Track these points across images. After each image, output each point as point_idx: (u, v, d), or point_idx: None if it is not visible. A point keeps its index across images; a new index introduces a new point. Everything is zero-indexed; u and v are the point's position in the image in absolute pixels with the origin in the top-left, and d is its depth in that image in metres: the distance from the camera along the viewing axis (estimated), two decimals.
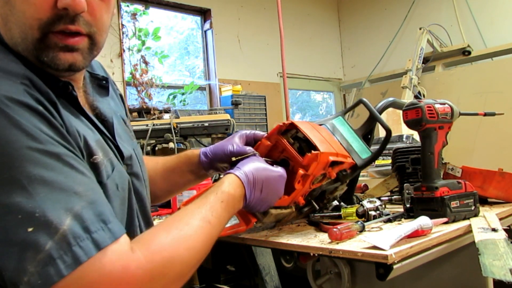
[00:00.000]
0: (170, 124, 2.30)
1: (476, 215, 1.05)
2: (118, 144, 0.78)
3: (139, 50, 3.75)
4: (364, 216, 1.04)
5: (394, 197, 1.25)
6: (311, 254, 0.86)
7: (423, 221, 0.87)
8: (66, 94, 0.68)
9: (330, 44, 5.51)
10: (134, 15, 3.76)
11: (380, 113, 1.29)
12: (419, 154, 1.11)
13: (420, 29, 4.03)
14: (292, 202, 0.97)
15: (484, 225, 0.96)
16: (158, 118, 2.78)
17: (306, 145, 0.95)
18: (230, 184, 0.78)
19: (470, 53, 4.05)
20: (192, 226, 0.65)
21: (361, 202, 1.08)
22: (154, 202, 1.01)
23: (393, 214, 1.06)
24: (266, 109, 3.80)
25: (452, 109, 1.05)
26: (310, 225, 1.08)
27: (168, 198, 1.22)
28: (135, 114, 3.44)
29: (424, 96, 3.91)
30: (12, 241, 0.49)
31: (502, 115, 1.23)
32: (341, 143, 1.04)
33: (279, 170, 0.88)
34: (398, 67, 4.49)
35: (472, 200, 1.04)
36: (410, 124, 1.05)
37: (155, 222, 1.30)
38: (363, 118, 1.12)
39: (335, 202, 1.25)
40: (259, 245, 1.03)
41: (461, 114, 1.09)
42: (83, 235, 0.51)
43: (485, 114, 1.19)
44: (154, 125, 2.28)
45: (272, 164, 0.95)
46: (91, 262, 0.50)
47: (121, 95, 0.98)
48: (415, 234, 0.85)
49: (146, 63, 3.75)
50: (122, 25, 3.67)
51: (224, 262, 2.54)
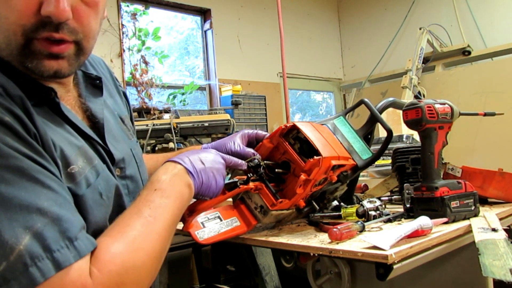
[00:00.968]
0: (170, 124, 2.30)
1: (476, 215, 1.05)
2: (109, 147, 0.76)
3: (139, 50, 3.75)
4: (364, 216, 1.04)
5: (394, 197, 1.25)
6: (311, 254, 0.86)
7: (423, 221, 0.87)
8: (48, 100, 0.66)
9: (330, 44, 5.51)
10: (134, 15, 3.76)
11: (380, 113, 1.29)
12: (419, 154, 1.11)
13: (420, 29, 4.03)
14: (293, 205, 0.97)
15: (484, 225, 0.96)
16: (158, 118, 2.78)
17: (307, 146, 0.95)
18: (159, 171, 0.73)
19: (470, 53, 4.05)
20: (134, 226, 0.62)
21: (361, 202, 1.08)
22: None
23: (393, 214, 1.06)
24: (266, 109, 3.81)
25: (452, 109, 1.05)
26: (310, 225, 1.08)
27: None
28: (135, 114, 3.43)
29: (424, 96, 3.91)
30: None
31: (502, 115, 1.24)
32: (342, 144, 1.04)
33: (216, 155, 0.83)
34: (398, 67, 4.49)
35: (472, 200, 1.04)
36: (410, 124, 1.05)
37: None
38: (364, 118, 1.12)
39: (335, 202, 1.25)
40: (259, 245, 1.03)
41: (461, 114, 1.09)
42: (42, 255, 0.49)
43: (485, 114, 1.19)
44: (154, 125, 2.29)
45: (274, 166, 0.95)
46: (50, 282, 0.49)
47: (124, 93, 0.97)
48: (415, 234, 0.85)
49: (146, 63, 3.75)
50: (122, 25, 3.67)
51: (224, 262, 2.54)
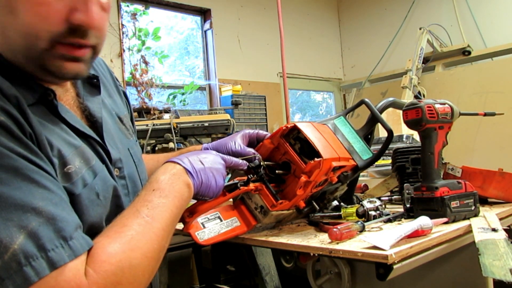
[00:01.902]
0: (170, 124, 2.30)
1: (476, 215, 1.05)
2: (108, 147, 0.76)
3: (139, 50, 3.75)
4: (364, 216, 1.04)
5: (394, 197, 1.25)
6: (311, 254, 0.86)
7: (423, 221, 0.87)
8: (47, 101, 0.67)
9: (330, 44, 5.51)
10: (134, 15, 3.76)
11: (380, 113, 1.29)
12: (419, 154, 1.11)
13: (420, 29, 4.03)
14: (293, 206, 0.97)
15: (484, 225, 0.96)
16: (158, 118, 2.78)
17: (308, 146, 0.94)
18: (158, 171, 0.73)
19: (470, 53, 4.05)
20: (130, 226, 0.62)
21: (361, 202, 1.08)
22: None
23: (393, 214, 1.06)
24: (266, 109, 3.81)
25: (452, 109, 1.05)
26: (310, 225, 1.08)
27: None
28: (135, 114, 3.43)
29: (424, 96, 3.91)
30: None
31: (502, 115, 1.24)
32: (342, 144, 1.04)
33: (216, 155, 0.84)
34: (398, 67, 4.50)
35: (472, 200, 1.04)
36: (410, 124, 1.05)
37: None
38: (364, 118, 1.12)
39: (335, 202, 1.25)
40: (259, 245, 1.03)
41: (461, 114, 1.09)
42: (37, 254, 0.49)
43: (485, 114, 1.19)
44: (154, 125, 2.29)
45: (274, 166, 0.95)
46: (44, 281, 0.49)
47: (124, 92, 0.97)
48: (415, 234, 0.85)
49: (146, 63, 3.75)
50: (122, 25, 3.67)
51: (224, 262, 2.54)
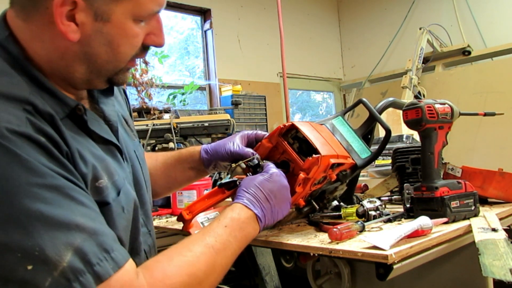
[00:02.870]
0: (170, 124, 2.30)
1: (476, 215, 1.05)
2: (124, 151, 0.78)
3: None
4: (364, 216, 1.04)
5: (394, 197, 1.25)
6: (311, 254, 0.86)
7: (423, 221, 0.87)
8: (75, 116, 0.67)
9: (330, 44, 5.51)
10: None
11: (380, 113, 1.29)
12: (419, 154, 1.11)
13: (420, 29, 4.03)
14: (292, 204, 0.96)
15: (484, 225, 0.96)
16: (158, 118, 2.78)
17: (306, 145, 0.95)
18: (233, 210, 0.78)
19: (470, 53, 4.05)
20: (194, 252, 0.64)
21: (361, 202, 1.08)
22: (153, 198, 1.01)
23: (393, 214, 1.06)
24: (266, 109, 3.80)
25: (452, 109, 1.05)
26: (310, 225, 1.08)
27: (167, 194, 1.22)
28: (135, 114, 3.43)
29: (424, 96, 3.91)
30: (11, 279, 0.49)
31: (502, 115, 1.24)
32: (341, 143, 1.04)
33: (281, 179, 0.86)
34: (398, 67, 4.49)
35: (472, 200, 1.04)
36: (410, 124, 1.05)
37: (155, 222, 1.30)
38: (363, 118, 1.12)
39: (335, 202, 1.25)
40: (259, 245, 1.03)
41: (461, 114, 1.09)
42: (84, 269, 0.51)
43: (485, 114, 1.19)
44: (154, 125, 2.28)
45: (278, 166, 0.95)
46: None
47: (124, 90, 0.97)
48: (415, 234, 0.85)
49: (146, 63, 3.74)
50: None
51: None
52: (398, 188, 1.33)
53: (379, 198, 1.14)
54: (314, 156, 0.90)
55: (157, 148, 2.28)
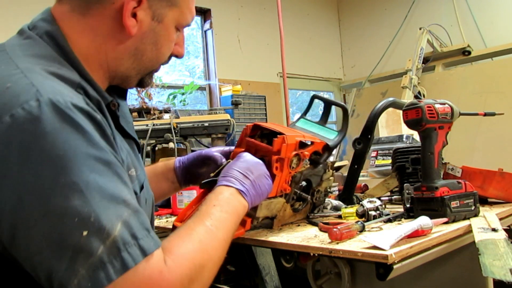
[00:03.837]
0: (170, 124, 2.30)
1: (476, 215, 1.05)
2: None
3: None
4: (364, 216, 1.05)
5: (394, 197, 1.25)
6: (311, 254, 0.86)
7: (423, 221, 0.87)
8: (110, 111, 0.72)
9: (330, 44, 5.51)
10: None
11: (380, 113, 1.29)
12: (419, 154, 1.11)
13: (420, 29, 4.03)
14: (278, 191, 0.99)
15: (484, 225, 0.96)
16: (158, 118, 2.78)
17: (273, 137, 0.98)
18: (215, 192, 0.80)
19: (470, 53, 4.05)
20: (198, 232, 0.67)
21: (361, 202, 1.08)
22: None
23: (393, 214, 1.06)
24: (266, 109, 3.80)
25: (452, 109, 1.05)
26: (310, 225, 1.08)
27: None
28: (135, 114, 3.43)
29: (424, 96, 3.91)
30: (66, 243, 0.51)
31: (502, 115, 1.24)
32: (306, 133, 1.11)
33: (253, 158, 0.91)
34: (398, 67, 4.49)
35: (472, 200, 1.04)
36: (410, 124, 1.05)
37: (155, 223, 1.31)
38: (364, 117, 1.12)
39: (335, 202, 1.25)
40: (259, 245, 1.03)
41: (461, 114, 1.09)
42: (131, 241, 0.53)
43: (485, 114, 1.19)
44: (154, 125, 2.28)
45: None
46: (138, 267, 0.53)
47: None
48: (415, 234, 0.85)
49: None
50: None
51: (224, 262, 2.54)
52: (398, 188, 1.33)
53: (379, 198, 1.14)
54: (279, 136, 0.95)
55: (157, 148, 2.29)
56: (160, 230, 1.47)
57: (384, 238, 0.78)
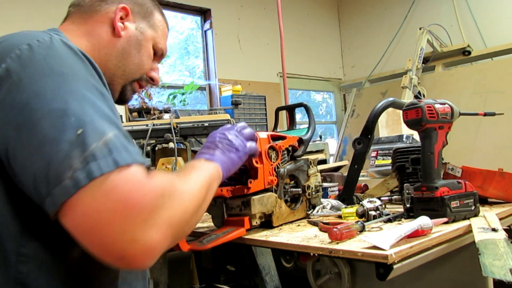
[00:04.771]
0: (170, 124, 2.29)
1: (476, 215, 1.05)
2: None
3: None
4: (364, 216, 1.05)
5: (394, 197, 1.25)
6: (311, 254, 0.86)
7: (423, 221, 0.87)
8: None
9: (330, 44, 5.51)
10: None
11: (380, 113, 1.29)
12: (419, 154, 1.11)
13: (420, 29, 4.03)
14: (266, 183, 1.02)
15: (484, 225, 0.96)
16: (158, 118, 2.78)
17: None
18: (188, 163, 0.85)
19: (470, 53, 4.05)
20: (172, 174, 0.75)
21: (361, 202, 1.08)
22: None
23: (393, 214, 1.06)
24: (266, 109, 3.80)
25: (452, 109, 1.05)
26: (310, 225, 1.08)
27: None
28: (135, 114, 3.43)
29: (424, 96, 3.91)
30: (62, 139, 0.56)
31: (502, 115, 1.24)
32: None
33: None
34: (398, 67, 4.49)
35: (472, 200, 1.04)
36: (410, 124, 1.05)
37: None
38: (364, 117, 1.13)
39: (335, 202, 1.26)
40: (259, 245, 1.03)
41: (461, 114, 1.09)
42: (121, 149, 0.58)
43: (485, 114, 1.19)
44: (154, 125, 2.28)
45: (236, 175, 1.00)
46: (127, 168, 0.57)
47: None
48: (415, 234, 0.85)
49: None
50: None
51: (224, 262, 2.54)
52: (398, 188, 1.33)
53: (379, 198, 1.14)
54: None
55: (157, 148, 2.29)
56: None
57: (384, 238, 0.78)
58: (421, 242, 0.82)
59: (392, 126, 2.70)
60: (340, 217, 1.13)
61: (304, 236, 0.95)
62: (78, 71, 0.65)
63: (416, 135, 1.87)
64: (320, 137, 3.32)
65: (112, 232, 0.54)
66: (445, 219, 0.96)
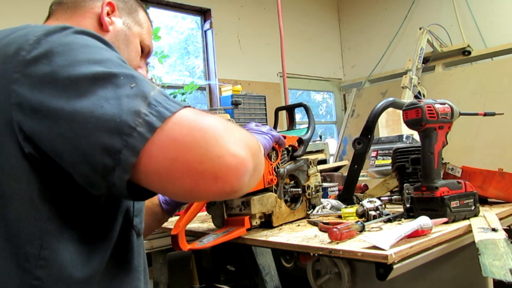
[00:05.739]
0: None
1: (476, 215, 1.05)
2: None
3: None
4: (364, 216, 1.05)
5: (394, 197, 1.25)
6: (311, 254, 0.86)
7: (423, 221, 0.87)
8: None
9: (330, 44, 5.51)
10: None
11: (380, 113, 1.29)
12: (419, 154, 1.11)
13: (420, 29, 4.02)
14: (266, 183, 1.03)
15: (484, 225, 0.96)
16: None
17: None
18: None
19: (470, 53, 4.04)
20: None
21: (361, 202, 1.08)
22: None
23: (393, 214, 1.06)
24: (266, 109, 3.80)
25: (452, 109, 1.05)
26: (310, 225, 1.08)
27: None
28: None
29: (424, 96, 3.90)
30: (120, 94, 0.57)
31: (502, 115, 1.24)
32: None
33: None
34: (398, 67, 4.49)
35: (472, 200, 1.04)
36: (410, 124, 1.05)
37: None
38: (364, 117, 1.13)
39: (334, 202, 1.26)
40: (259, 245, 1.03)
41: (461, 114, 1.09)
42: (166, 99, 0.59)
43: (485, 114, 1.19)
44: None
45: None
46: (186, 107, 0.59)
47: None
48: (415, 234, 0.85)
49: (146, 63, 3.74)
50: None
51: (224, 262, 2.54)
52: (398, 188, 1.33)
53: (379, 198, 1.14)
54: None
55: None
56: (160, 230, 1.47)
57: (384, 238, 0.78)
58: (421, 242, 0.82)
59: (392, 126, 2.70)
60: (340, 217, 1.13)
61: (304, 236, 0.95)
62: (99, 45, 0.65)
63: (416, 135, 1.87)
64: (320, 137, 3.32)
65: (202, 152, 0.54)
66: (445, 219, 0.96)
